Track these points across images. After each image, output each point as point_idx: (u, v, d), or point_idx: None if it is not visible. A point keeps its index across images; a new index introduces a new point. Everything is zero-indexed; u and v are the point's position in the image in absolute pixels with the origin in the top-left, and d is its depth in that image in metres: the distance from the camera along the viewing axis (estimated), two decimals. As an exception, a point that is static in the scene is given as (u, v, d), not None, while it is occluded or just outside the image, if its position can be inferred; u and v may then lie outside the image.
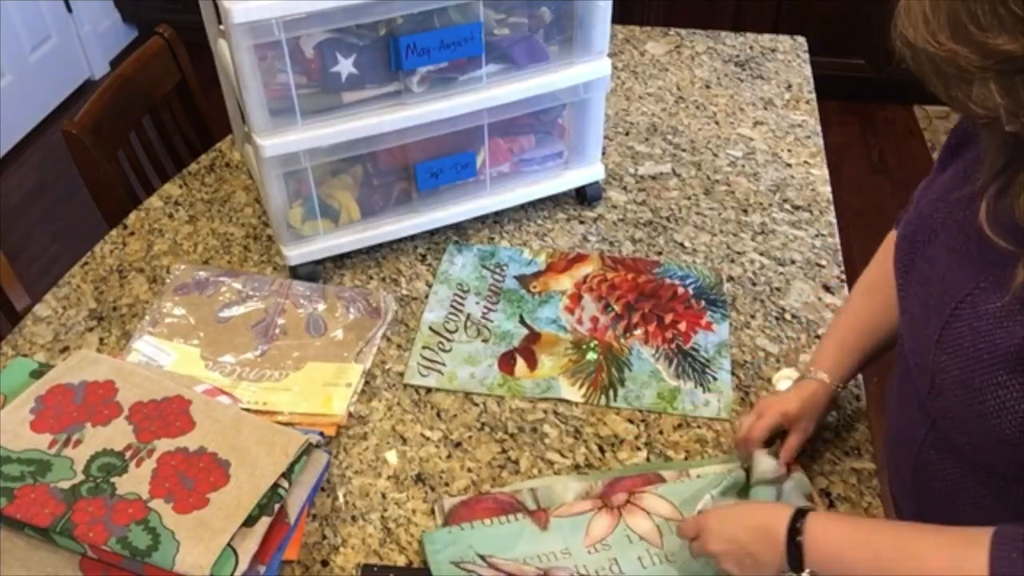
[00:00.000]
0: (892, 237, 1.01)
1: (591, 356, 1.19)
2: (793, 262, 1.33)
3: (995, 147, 0.70)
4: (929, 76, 0.65)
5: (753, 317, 1.25)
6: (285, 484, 0.95)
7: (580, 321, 1.25)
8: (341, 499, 1.02)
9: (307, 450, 0.99)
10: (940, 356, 0.78)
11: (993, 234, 0.70)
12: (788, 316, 1.24)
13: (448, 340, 1.22)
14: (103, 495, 0.92)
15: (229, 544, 0.89)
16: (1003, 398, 0.71)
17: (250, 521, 0.91)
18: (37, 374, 1.06)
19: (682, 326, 1.23)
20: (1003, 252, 0.70)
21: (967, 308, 0.75)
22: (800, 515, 0.82)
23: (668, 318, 1.24)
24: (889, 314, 0.97)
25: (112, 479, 0.94)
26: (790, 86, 1.72)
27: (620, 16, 1.54)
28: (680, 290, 1.29)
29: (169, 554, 0.87)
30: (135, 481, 0.94)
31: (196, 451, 0.98)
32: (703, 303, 1.27)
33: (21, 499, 0.91)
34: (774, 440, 1.02)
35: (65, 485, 0.93)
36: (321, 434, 1.04)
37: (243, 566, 0.88)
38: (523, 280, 1.31)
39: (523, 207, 1.43)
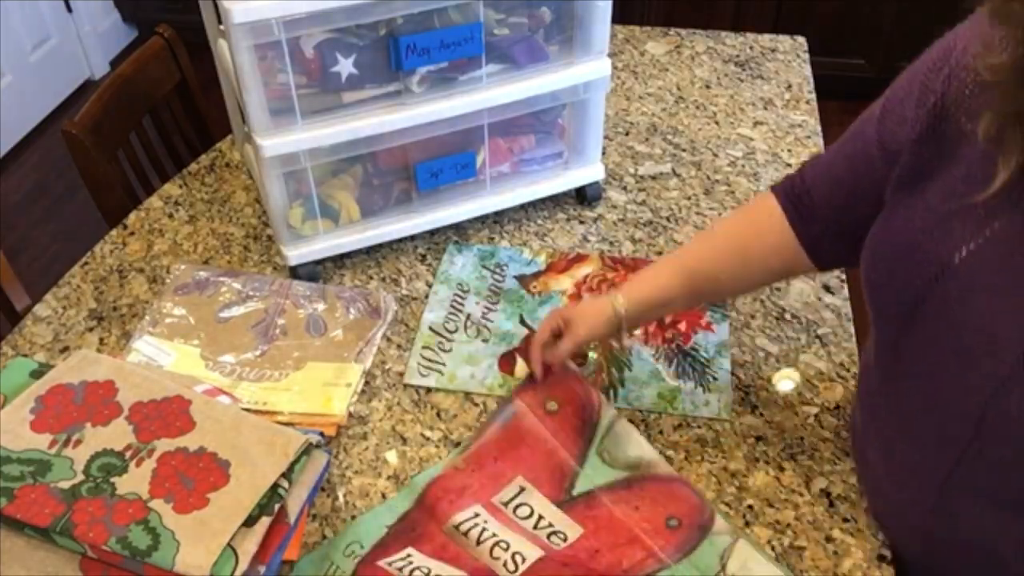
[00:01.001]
0: (765, 199, 0.99)
1: (591, 356, 1.19)
2: (793, 262, 1.33)
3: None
4: None
5: (753, 317, 1.25)
6: (285, 484, 0.95)
7: (580, 321, 1.24)
8: (341, 499, 1.02)
9: (307, 450, 0.99)
10: (1003, 400, 0.72)
11: None
12: (788, 316, 1.24)
13: (448, 340, 1.22)
14: (103, 495, 0.92)
15: (229, 544, 0.89)
16: None
17: (250, 521, 0.91)
18: (37, 374, 1.07)
19: (682, 326, 1.23)
20: None
21: None
22: None
23: (668, 318, 1.24)
24: (725, 276, 1.01)
25: (112, 479, 0.94)
26: (790, 86, 1.72)
27: (620, 16, 1.54)
28: (680, 290, 1.29)
29: (169, 554, 0.87)
30: (135, 481, 0.94)
31: (196, 451, 0.98)
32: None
33: (21, 499, 0.91)
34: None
35: (65, 485, 0.93)
36: (321, 434, 1.04)
37: (243, 566, 0.88)
38: (523, 280, 1.31)
39: (523, 207, 1.43)
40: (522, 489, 1.00)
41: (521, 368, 1.17)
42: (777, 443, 1.07)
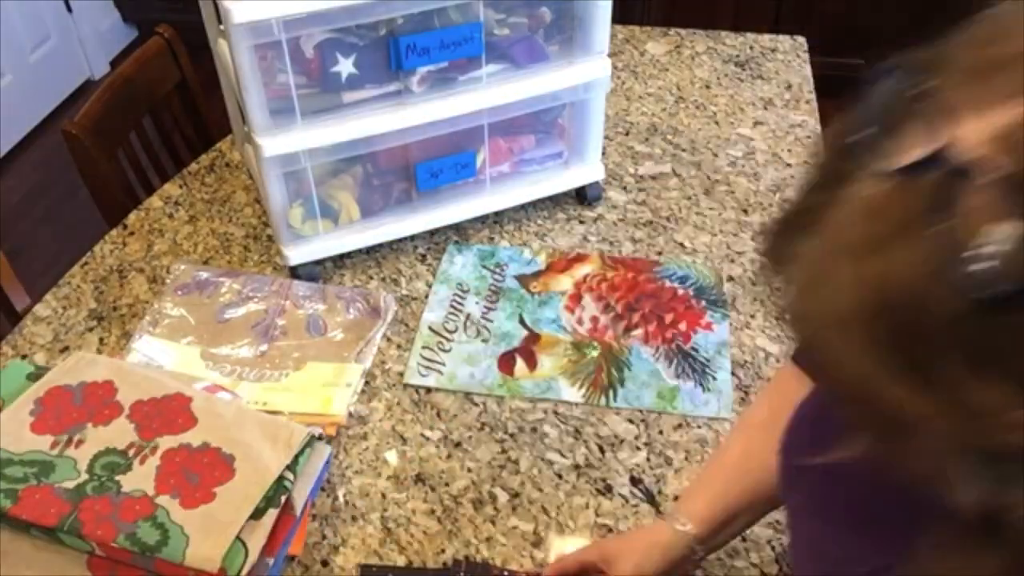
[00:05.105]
0: (784, 369, 0.86)
1: (591, 356, 1.19)
2: (793, 262, 1.33)
3: None
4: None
5: (753, 317, 1.25)
6: (290, 476, 0.95)
7: (580, 321, 1.25)
8: (341, 499, 1.03)
9: (310, 442, 0.99)
10: None
11: None
12: (788, 316, 1.24)
13: (448, 340, 1.22)
14: (109, 493, 0.93)
15: (238, 537, 0.89)
16: None
17: (257, 514, 0.91)
18: (34, 377, 1.06)
19: (682, 326, 1.23)
20: None
21: None
22: None
23: (668, 318, 1.25)
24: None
25: (117, 477, 0.94)
26: (790, 86, 1.72)
27: (620, 16, 1.54)
28: (680, 290, 1.29)
29: (179, 548, 0.88)
30: (140, 478, 0.95)
31: (199, 447, 0.98)
32: (703, 303, 1.27)
33: (26, 500, 0.91)
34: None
35: (70, 485, 0.93)
36: (321, 434, 1.04)
37: (253, 558, 0.88)
38: (523, 280, 1.31)
39: (523, 207, 1.44)
40: None
41: (520, 368, 1.18)
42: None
